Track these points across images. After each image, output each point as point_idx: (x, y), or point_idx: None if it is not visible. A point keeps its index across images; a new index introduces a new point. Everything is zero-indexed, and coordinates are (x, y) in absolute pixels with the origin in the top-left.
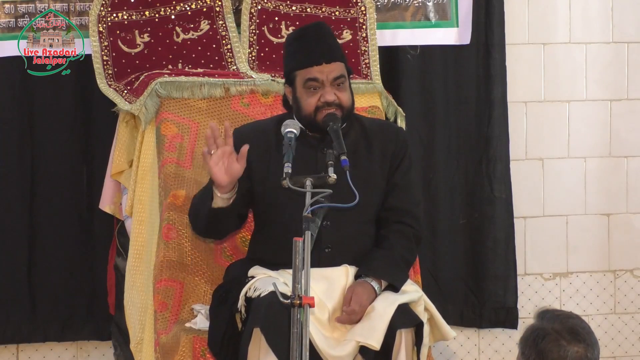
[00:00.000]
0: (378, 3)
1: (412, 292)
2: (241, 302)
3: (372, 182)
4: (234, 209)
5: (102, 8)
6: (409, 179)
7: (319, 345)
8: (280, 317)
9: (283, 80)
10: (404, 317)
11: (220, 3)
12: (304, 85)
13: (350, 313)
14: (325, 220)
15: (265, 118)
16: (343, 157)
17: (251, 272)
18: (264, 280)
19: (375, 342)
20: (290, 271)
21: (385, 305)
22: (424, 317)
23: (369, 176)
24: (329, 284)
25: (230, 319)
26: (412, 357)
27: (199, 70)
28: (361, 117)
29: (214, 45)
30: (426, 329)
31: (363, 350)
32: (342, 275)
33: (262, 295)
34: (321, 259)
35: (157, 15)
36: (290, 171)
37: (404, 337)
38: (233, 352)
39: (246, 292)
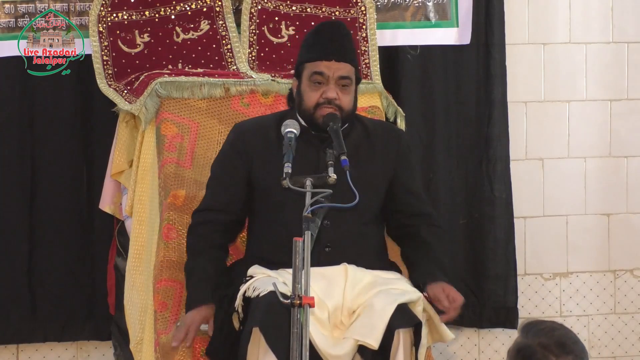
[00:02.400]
0: (378, 3)
1: (411, 292)
2: (238, 301)
3: (373, 183)
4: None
5: (102, 8)
6: (419, 182)
7: (319, 345)
8: (280, 317)
9: (283, 80)
10: (403, 316)
11: (220, 3)
12: (309, 79)
13: (457, 305)
14: (325, 220)
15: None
16: (343, 157)
17: (250, 271)
18: (263, 280)
19: (373, 341)
20: (290, 271)
21: (385, 304)
22: (422, 317)
23: (370, 177)
24: (328, 283)
25: (228, 319)
26: (411, 358)
27: (199, 70)
28: (363, 118)
29: (214, 45)
30: (424, 329)
31: (361, 349)
32: (341, 273)
33: (261, 294)
34: (321, 258)
35: (157, 15)
36: (290, 171)
37: (402, 337)
38: (231, 352)
39: (244, 292)
